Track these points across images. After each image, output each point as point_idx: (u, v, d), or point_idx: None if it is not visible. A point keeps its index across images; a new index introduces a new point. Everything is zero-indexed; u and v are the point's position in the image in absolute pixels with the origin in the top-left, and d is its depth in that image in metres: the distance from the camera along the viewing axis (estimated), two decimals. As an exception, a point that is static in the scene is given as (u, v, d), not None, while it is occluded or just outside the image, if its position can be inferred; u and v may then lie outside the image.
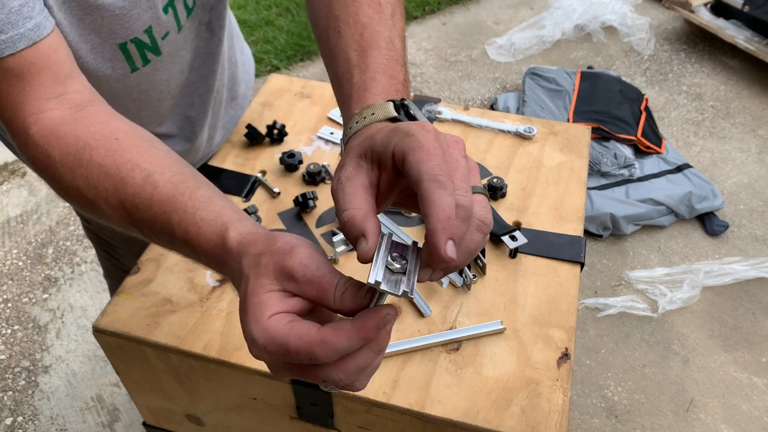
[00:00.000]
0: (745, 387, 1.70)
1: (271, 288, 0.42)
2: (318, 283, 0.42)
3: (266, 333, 0.41)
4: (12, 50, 0.54)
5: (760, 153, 2.37)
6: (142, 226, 0.54)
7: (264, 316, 0.41)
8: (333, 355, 0.40)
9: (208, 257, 0.50)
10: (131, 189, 0.53)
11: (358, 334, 0.39)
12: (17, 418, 1.66)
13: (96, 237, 1.06)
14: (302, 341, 0.40)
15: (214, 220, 0.49)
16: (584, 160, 0.96)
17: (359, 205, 0.42)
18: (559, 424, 0.66)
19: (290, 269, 0.42)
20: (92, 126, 0.57)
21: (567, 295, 0.78)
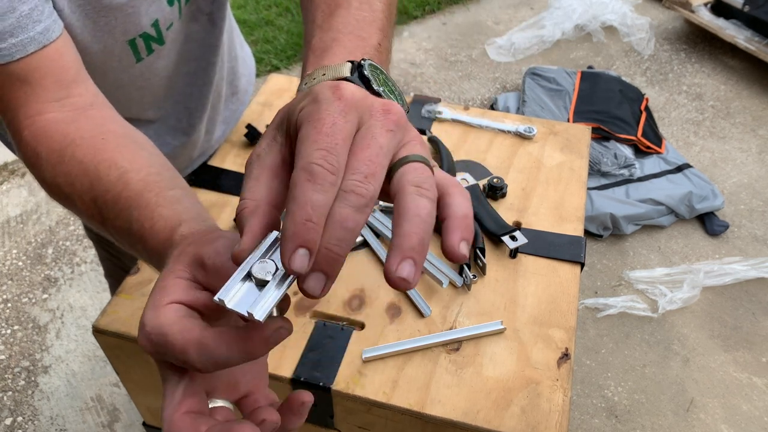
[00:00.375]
0: (745, 387, 1.70)
1: (180, 275, 0.38)
2: (225, 273, 0.35)
3: (155, 319, 0.36)
4: (22, 54, 0.54)
5: (760, 153, 2.37)
6: (108, 224, 0.52)
7: (162, 301, 0.36)
8: (207, 362, 0.34)
9: (155, 254, 0.46)
10: (104, 186, 0.51)
11: (239, 345, 0.33)
12: (17, 418, 1.66)
13: (96, 237, 1.07)
14: (181, 336, 0.34)
15: (172, 217, 0.46)
16: (584, 160, 0.96)
17: (255, 194, 0.35)
18: (559, 424, 0.66)
19: (202, 256, 0.37)
20: (85, 126, 0.56)
21: (567, 295, 0.78)
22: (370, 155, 0.33)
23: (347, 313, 0.77)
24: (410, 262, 0.31)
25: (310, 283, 0.31)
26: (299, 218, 0.30)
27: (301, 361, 0.71)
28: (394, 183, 0.34)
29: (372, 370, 0.70)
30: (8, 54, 0.54)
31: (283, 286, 0.32)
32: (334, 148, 0.32)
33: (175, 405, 0.36)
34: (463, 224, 0.34)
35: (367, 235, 0.85)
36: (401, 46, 2.95)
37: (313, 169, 0.31)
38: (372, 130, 0.34)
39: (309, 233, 0.30)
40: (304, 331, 0.75)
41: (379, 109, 0.35)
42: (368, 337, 0.74)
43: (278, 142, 0.37)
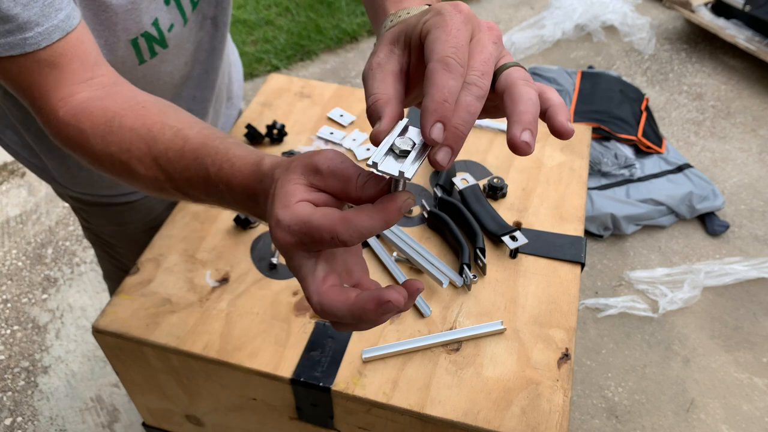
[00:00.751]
0: (745, 387, 1.70)
1: (298, 181, 0.44)
2: (341, 173, 0.43)
3: (292, 213, 0.42)
4: (48, 41, 0.56)
5: (760, 153, 2.37)
6: (175, 180, 0.55)
7: (291, 201, 0.43)
8: (354, 234, 0.40)
9: (243, 190, 0.50)
10: (163, 145, 0.55)
11: (379, 215, 0.40)
12: (17, 418, 1.66)
13: (96, 237, 1.06)
14: (326, 219, 0.41)
15: (248, 155, 0.51)
16: (585, 160, 0.96)
17: (385, 90, 0.42)
18: (559, 425, 0.65)
19: (315, 163, 0.43)
20: (119, 98, 0.59)
21: (567, 296, 0.78)
22: (484, 58, 0.40)
23: (347, 313, 0.76)
24: (529, 132, 0.38)
25: (440, 155, 0.38)
26: (438, 98, 0.37)
27: (300, 362, 0.71)
28: (501, 81, 0.42)
29: (372, 371, 0.70)
30: (35, 42, 0.56)
31: (422, 156, 0.39)
32: (461, 48, 0.39)
33: (319, 281, 0.42)
34: (564, 108, 0.42)
35: (367, 235, 0.84)
36: (401, 46, 2.95)
37: (448, 61, 0.38)
38: (483, 40, 0.41)
39: (445, 111, 0.37)
40: (304, 331, 0.74)
41: (485, 24, 0.43)
42: (368, 338, 0.74)
43: (396, 53, 0.44)
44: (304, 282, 0.43)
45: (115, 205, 0.93)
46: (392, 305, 0.40)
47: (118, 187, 0.90)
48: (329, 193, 0.44)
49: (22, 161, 0.91)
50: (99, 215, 0.98)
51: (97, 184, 0.88)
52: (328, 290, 0.42)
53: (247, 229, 0.87)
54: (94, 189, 0.89)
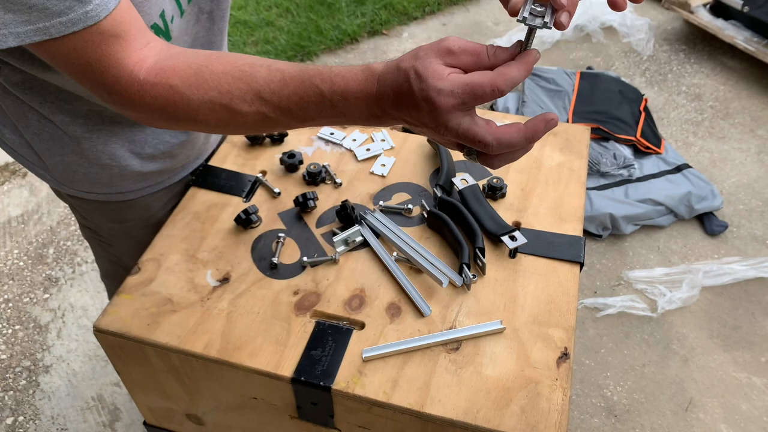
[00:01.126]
0: (744, 387, 1.71)
1: (436, 62, 0.52)
2: (472, 49, 0.52)
3: (451, 81, 0.51)
4: (107, 11, 0.57)
5: (759, 153, 2.37)
6: (282, 108, 0.59)
7: (444, 73, 0.51)
8: (510, 84, 0.51)
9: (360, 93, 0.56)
10: (262, 80, 0.59)
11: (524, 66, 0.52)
12: (18, 417, 1.67)
13: (94, 235, 1.06)
14: (486, 76, 0.51)
15: (352, 68, 0.57)
16: (584, 161, 0.97)
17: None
18: (558, 424, 0.66)
19: (446, 45, 0.52)
20: (191, 54, 0.62)
21: (566, 295, 0.78)
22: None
23: (347, 312, 0.77)
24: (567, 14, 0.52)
25: (563, 17, 0.51)
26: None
27: (301, 361, 0.72)
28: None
29: (372, 370, 0.71)
30: (96, 14, 0.56)
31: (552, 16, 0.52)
32: None
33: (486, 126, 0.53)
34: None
35: (367, 235, 0.85)
36: (401, 46, 2.95)
37: None
38: None
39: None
40: (304, 330, 0.75)
41: None
42: (368, 337, 0.74)
43: None
44: (469, 132, 0.52)
45: (113, 203, 0.93)
46: (554, 122, 0.53)
47: (116, 186, 0.90)
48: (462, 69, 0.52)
49: (20, 160, 0.91)
50: (97, 213, 0.98)
51: (96, 183, 0.89)
52: (498, 128, 0.53)
53: (247, 229, 0.88)
54: (92, 187, 0.90)
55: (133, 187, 0.90)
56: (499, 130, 0.53)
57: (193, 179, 0.95)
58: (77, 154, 0.83)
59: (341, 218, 0.88)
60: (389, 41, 3.00)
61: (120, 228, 0.99)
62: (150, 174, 0.89)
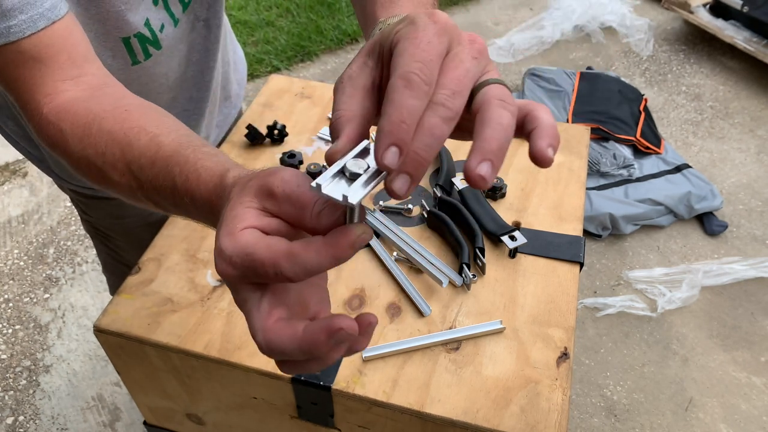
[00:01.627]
0: (744, 386, 1.71)
1: (249, 204, 0.40)
2: (296, 199, 0.38)
3: (235, 243, 0.38)
4: (33, 29, 0.54)
5: (758, 153, 2.37)
6: (146, 188, 0.53)
7: (237, 228, 0.38)
8: (300, 270, 0.36)
9: (205, 204, 0.47)
10: (137, 150, 0.53)
11: (328, 250, 0.36)
12: (18, 417, 1.67)
13: (94, 229, 1.06)
14: (270, 251, 0.37)
15: (215, 167, 0.48)
16: (583, 161, 0.97)
17: (350, 107, 0.39)
18: (558, 424, 0.66)
19: (270, 185, 0.39)
20: (105, 100, 0.57)
21: (566, 295, 0.79)
22: (458, 75, 0.36)
23: (347, 312, 0.77)
24: (488, 164, 0.34)
25: (397, 184, 0.34)
26: (395, 119, 0.34)
27: (301, 361, 0.72)
28: (477, 99, 0.37)
29: (372, 370, 0.71)
30: (19, 30, 0.54)
31: (373, 182, 0.36)
32: (429, 63, 0.35)
33: (264, 315, 0.38)
34: (551, 132, 0.37)
35: (367, 236, 0.85)
36: (401, 46, 2.95)
37: (410, 78, 0.34)
38: (460, 54, 0.37)
39: (402, 133, 0.33)
40: (304, 330, 0.75)
41: (465, 37, 0.38)
42: (368, 337, 0.74)
43: (369, 66, 0.40)
44: (248, 317, 0.39)
45: (112, 199, 0.93)
46: (345, 333, 0.35)
47: None
48: (284, 220, 0.39)
49: (22, 152, 0.91)
50: (97, 208, 0.98)
51: None
52: (274, 325, 0.37)
53: (248, 229, 0.88)
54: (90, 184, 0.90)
55: None
56: (273, 330, 0.37)
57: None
58: None
59: (341, 218, 0.88)
60: (389, 41, 3.00)
61: (119, 224, 0.99)
62: None
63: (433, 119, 0.34)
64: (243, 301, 0.39)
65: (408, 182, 0.34)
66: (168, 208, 0.53)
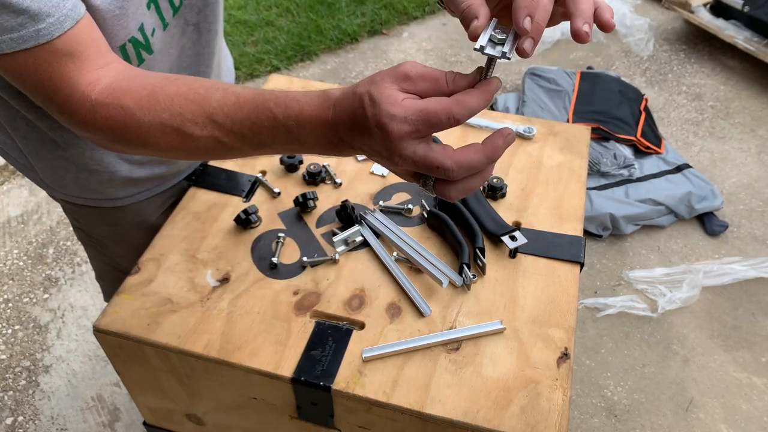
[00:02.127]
0: (744, 387, 1.71)
1: (392, 87, 0.49)
2: (430, 75, 0.50)
3: (405, 107, 0.48)
4: (61, 31, 0.57)
5: (759, 153, 2.37)
6: (235, 132, 0.57)
7: (398, 99, 0.49)
8: (467, 112, 0.48)
9: (315, 121, 0.54)
10: (216, 103, 0.57)
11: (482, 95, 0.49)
12: (18, 417, 1.67)
13: (87, 237, 1.06)
14: (441, 103, 0.48)
15: (309, 92, 0.54)
16: (584, 161, 0.96)
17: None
18: (558, 424, 0.66)
19: (403, 70, 0.50)
20: (149, 76, 0.61)
21: (566, 295, 0.78)
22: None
23: (347, 312, 0.77)
24: (588, 25, 0.47)
25: (527, 44, 0.47)
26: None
27: (301, 361, 0.72)
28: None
29: (372, 370, 0.71)
30: (48, 33, 0.56)
31: (513, 43, 0.48)
32: None
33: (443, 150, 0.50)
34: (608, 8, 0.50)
35: (367, 235, 0.85)
36: (401, 46, 2.95)
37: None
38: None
39: (532, 7, 0.46)
40: (304, 331, 0.75)
41: None
42: (368, 337, 0.74)
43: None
44: (427, 159, 0.49)
45: (104, 208, 0.93)
46: (512, 136, 0.51)
47: (106, 192, 0.89)
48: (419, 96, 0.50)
49: (12, 162, 0.91)
50: (90, 216, 0.98)
51: (85, 188, 0.88)
52: (457, 151, 0.50)
53: (247, 229, 0.87)
54: (81, 192, 0.89)
55: (124, 193, 0.90)
56: (458, 153, 0.50)
57: (192, 179, 0.95)
58: (65, 159, 0.83)
59: (341, 218, 0.88)
60: (389, 41, 3.00)
61: (113, 231, 0.99)
62: (141, 180, 0.89)
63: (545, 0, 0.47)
64: (413, 152, 0.49)
65: (533, 44, 0.47)
66: (264, 142, 0.57)
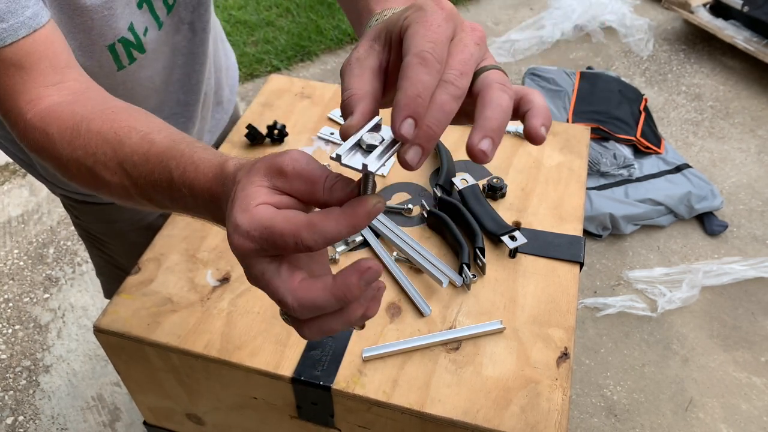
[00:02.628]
0: (744, 386, 1.71)
1: (260, 183, 0.41)
2: (307, 175, 0.40)
3: (252, 218, 0.39)
4: (13, 38, 0.55)
5: (759, 153, 2.37)
6: (140, 185, 0.53)
7: (251, 204, 0.40)
8: (320, 239, 0.38)
9: (205, 193, 0.48)
10: (129, 148, 0.52)
11: (346, 219, 0.38)
12: (18, 417, 1.67)
13: (86, 233, 1.06)
14: (290, 223, 0.38)
15: (212, 159, 0.48)
16: (583, 160, 0.97)
17: (360, 86, 0.40)
18: (558, 424, 0.66)
19: (280, 164, 0.41)
20: (90, 104, 0.57)
21: (566, 295, 0.78)
22: (464, 58, 0.39)
23: (347, 312, 0.77)
24: (489, 140, 0.37)
25: (410, 154, 0.36)
26: (411, 93, 0.36)
27: (301, 361, 0.72)
28: (478, 83, 0.40)
29: (372, 370, 0.71)
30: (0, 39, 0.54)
31: (388, 153, 0.37)
32: (440, 43, 0.38)
33: (287, 279, 0.39)
34: (544, 113, 0.41)
35: (367, 235, 0.85)
36: (401, 46, 2.95)
37: (424, 56, 0.37)
38: (464, 40, 0.40)
39: (417, 106, 0.36)
40: (304, 330, 0.75)
41: (468, 25, 0.41)
42: (368, 337, 0.74)
43: (376, 50, 0.42)
44: (270, 286, 0.40)
45: (101, 204, 0.93)
46: (373, 271, 0.38)
47: None
48: (294, 197, 0.41)
49: (12, 157, 0.91)
50: (88, 212, 0.98)
51: None
52: (301, 284, 0.39)
53: (247, 229, 0.87)
54: (79, 188, 0.90)
55: None
56: (302, 288, 0.39)
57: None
58: None
59: (341, 218, 0.88)
60: (389, 41, 3.00)
61: (110, 228, 0.99)
62: None
63: (444, 96, 0.37)
64: (260, 273, 0.40)
65: (420, 153, 0.37)
66: (164, 203, 0.53)
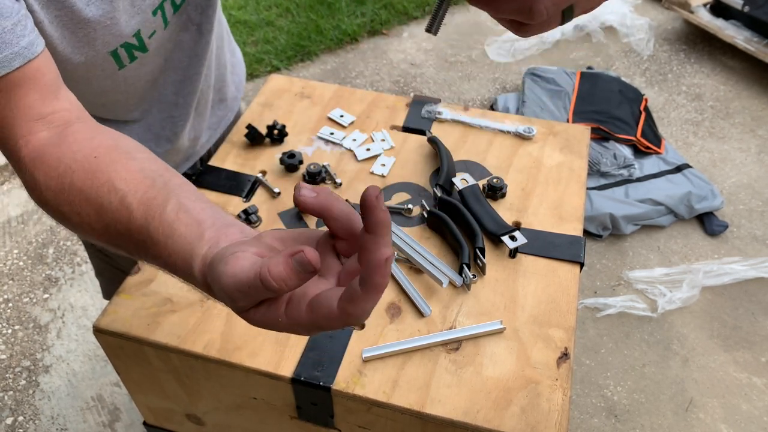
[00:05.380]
0: (744, 387, 1.71)
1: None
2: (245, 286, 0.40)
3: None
4: (7, 69, 0.54)
5: (759, 153, 2.37)
6: (130, 252, 0.54)
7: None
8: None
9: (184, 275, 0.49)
10: (110, 215, 0.52)
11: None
12: (18, 417, 1.67)
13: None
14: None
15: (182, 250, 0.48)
16: (584, 161, 0.97)
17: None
18: (558, 424, 0.66)
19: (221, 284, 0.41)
20: (74, 145, 0.56)
21: (566, 295, 0.78)
22: None
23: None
24: None
25: None
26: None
27: (301, 361, 0.72)
28: None
29: (372, 370, 0.71)
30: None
31: None
32: None
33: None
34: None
35: (367, 235, 0.85)
36: (401, 46, 2.95)
37: None
38: None
39: None
40: (304, 330, 0.75)
41: None
42: (368, 337, 0.74)
43: None
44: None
45: None
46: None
47: None
48: None
49: None
50: None
51: None
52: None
53: (247, 229, 0.87)
54: None
55: None
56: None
57: (193, 179, 0.95)
58: None
59: (341, 218, 0.88)
60: (389, 41, 3.00)
61: None
62: None
63: None
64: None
65: None
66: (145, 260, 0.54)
